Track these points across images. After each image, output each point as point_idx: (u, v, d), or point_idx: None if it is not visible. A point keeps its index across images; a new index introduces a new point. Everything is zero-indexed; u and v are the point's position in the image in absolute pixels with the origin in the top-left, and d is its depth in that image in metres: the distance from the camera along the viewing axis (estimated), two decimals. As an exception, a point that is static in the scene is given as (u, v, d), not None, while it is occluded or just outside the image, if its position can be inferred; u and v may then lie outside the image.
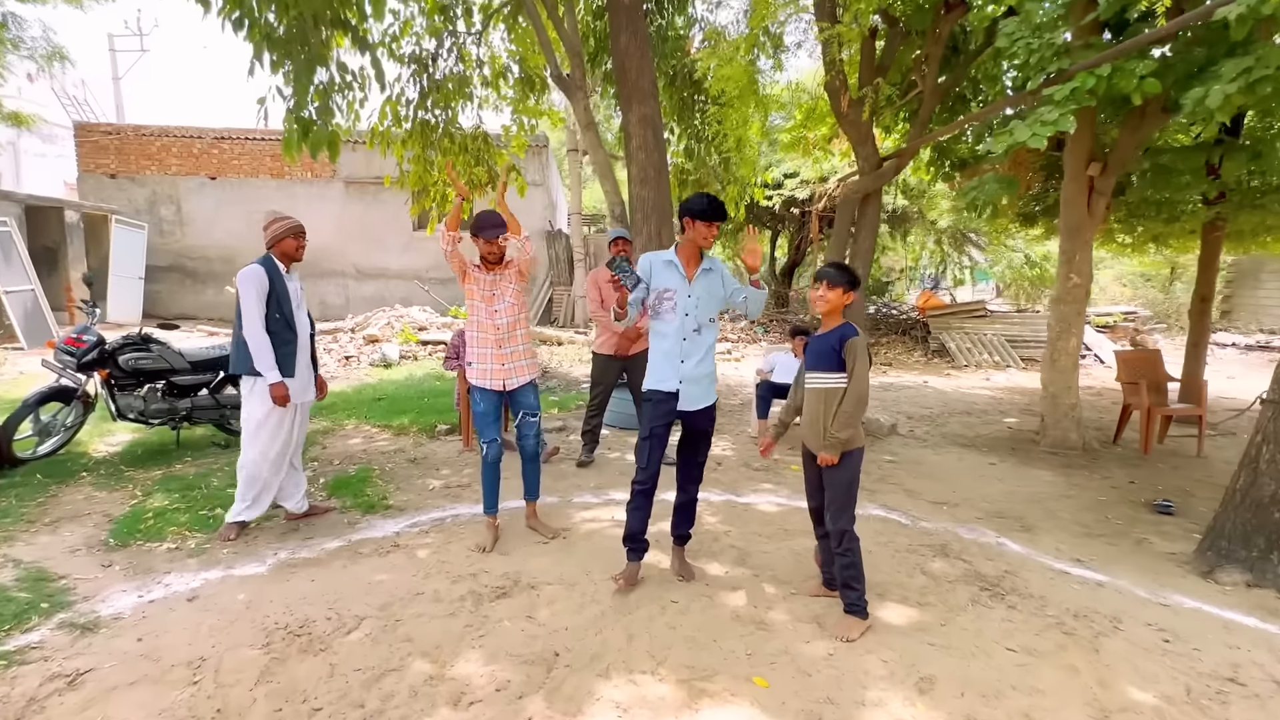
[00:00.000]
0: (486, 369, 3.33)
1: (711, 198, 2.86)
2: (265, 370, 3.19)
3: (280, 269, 3.33)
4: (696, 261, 2.89)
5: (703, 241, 2.86)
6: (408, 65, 7.04)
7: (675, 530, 3.11)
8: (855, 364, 2.52)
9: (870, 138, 5.98)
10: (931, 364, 11.33)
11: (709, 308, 2.94)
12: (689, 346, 2.88)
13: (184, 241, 15.29)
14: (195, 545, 3.19)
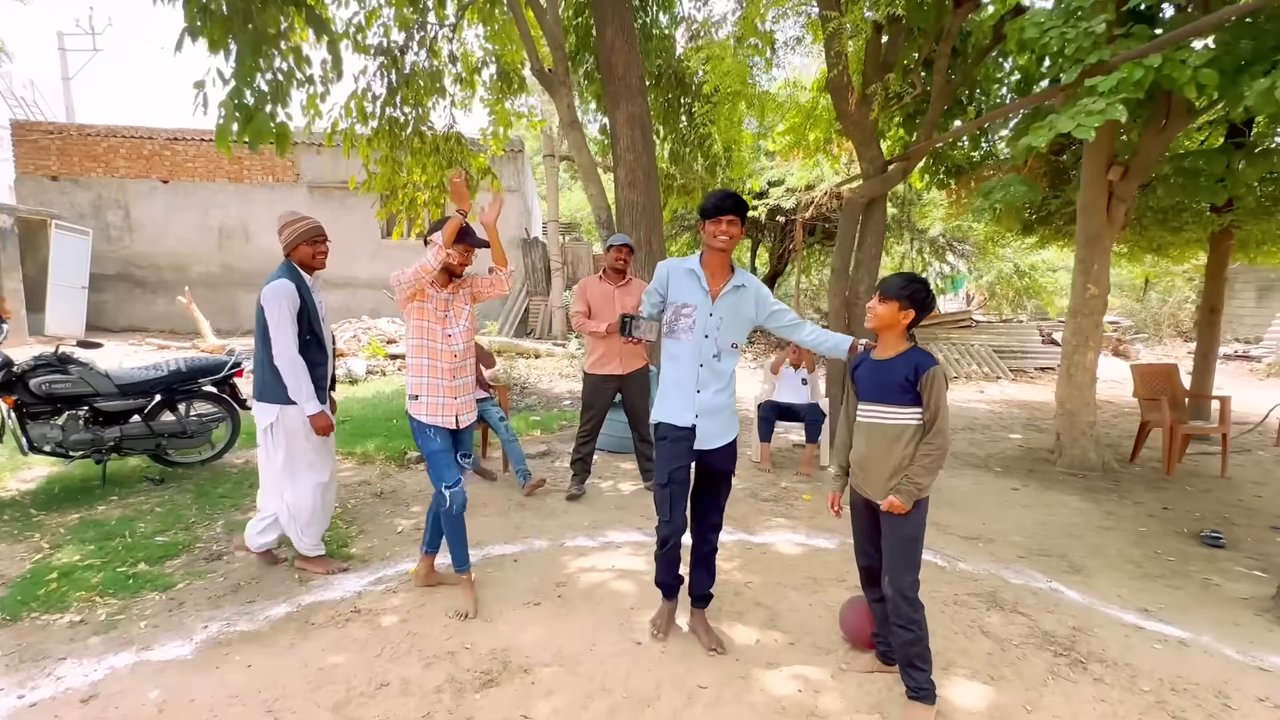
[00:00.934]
0: (438, 403, 2.76)
1: (725, 193, 2.41)
2: (304, 400, 2.84)
3: (305, 279, 2.95)
4: (724, 275, 2.46)
5: (713, 241, 2.40)
6: (374, 57, 6.48)
7: (694, 590, 2.64)
8: (936, 398, 2.09)
9: (875, 139, 5.61)
10: None
11: (733, 331, 2.50)
12: (706, 375, 2.48)
13: (133, 248, 14.36)
14: (106, 616, 2.58)
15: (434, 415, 2.75)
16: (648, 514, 3.99)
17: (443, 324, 2.76)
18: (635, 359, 4.29)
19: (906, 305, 2.14)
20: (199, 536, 3.44)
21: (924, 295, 2.16)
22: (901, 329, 2.17)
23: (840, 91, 5.43)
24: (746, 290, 2.50)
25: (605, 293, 4.23)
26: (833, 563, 3.34)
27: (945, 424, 2.10)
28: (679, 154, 8.23)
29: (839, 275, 5.64)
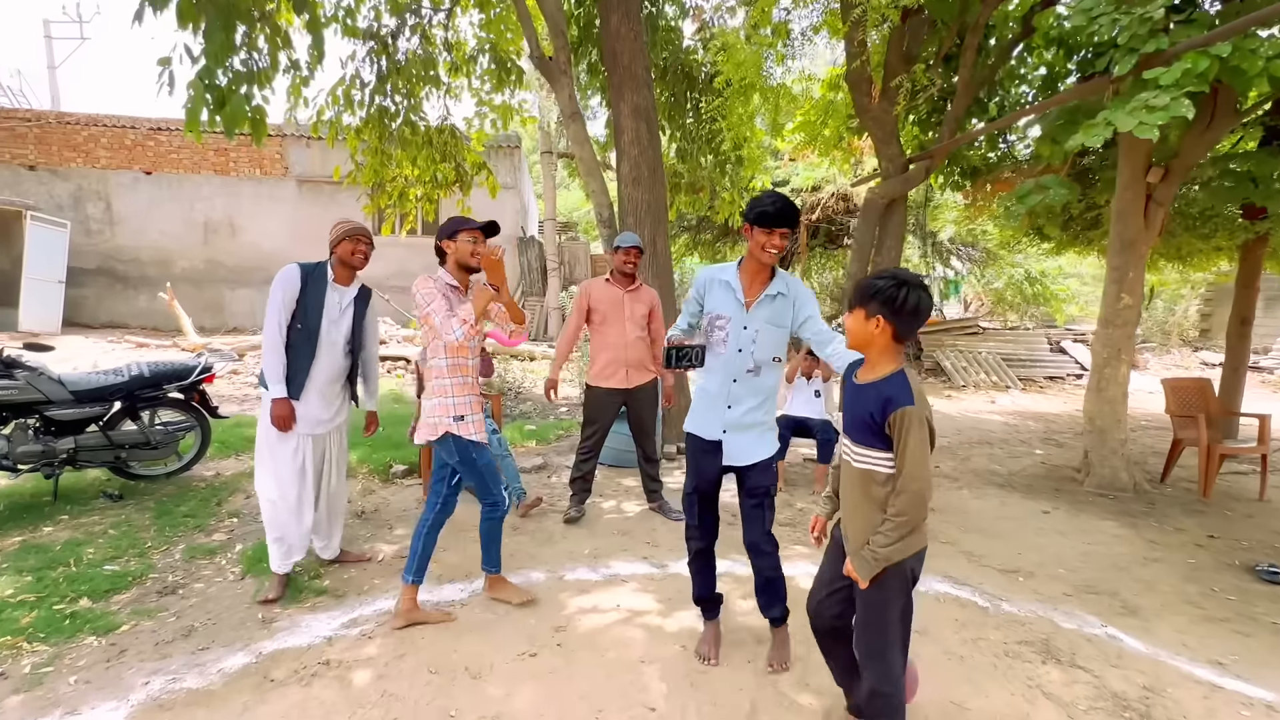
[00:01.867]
0: (481, 420, 2.72)
1: (778, 197, 2.18)
2: (270, 382, 2.81)
3: (328, 276, 2.93)
4: (761, 283, 2.28)
5: (760, 253, 2.21)
6: (364, 41, 6.10)
7: (765, 613, 2.49)
8: (906, 445, 1.61)
9: (896, 136, 5.31)
10: (926, 383, 10.80)
11: (771, 344, 2.30)
12: (739, 390, 2.32)
13: (114, 242, 13.86)
14: (31, 669, 2.21)
15: (480, 433, 2.68)
16: (654, 540, 3.65)
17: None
18: (643, 371, 3.95)
19: (875, 312, 1.68)
20: (153, 565, 3.07)
21: (894, 295, 1.65)
22: (884, 344, 1.70)
23: (860, 85, 5.12)
24: (785, 298, 2.30)
25: (614, 298, 3.88)
26: (863, 601, 3.00)
27: (918, 481, 1.61)
28: (686, 151, 7.89)
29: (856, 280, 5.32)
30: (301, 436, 2.90)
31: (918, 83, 4.75)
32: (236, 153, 13.69)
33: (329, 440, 3.04)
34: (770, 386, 2.34)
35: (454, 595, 2.90)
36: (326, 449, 3.04)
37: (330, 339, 2.90)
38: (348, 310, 2.98)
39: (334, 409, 3.01)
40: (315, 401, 2.91)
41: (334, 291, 2.93)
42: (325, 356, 2.90)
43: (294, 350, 2.84)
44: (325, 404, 2.95)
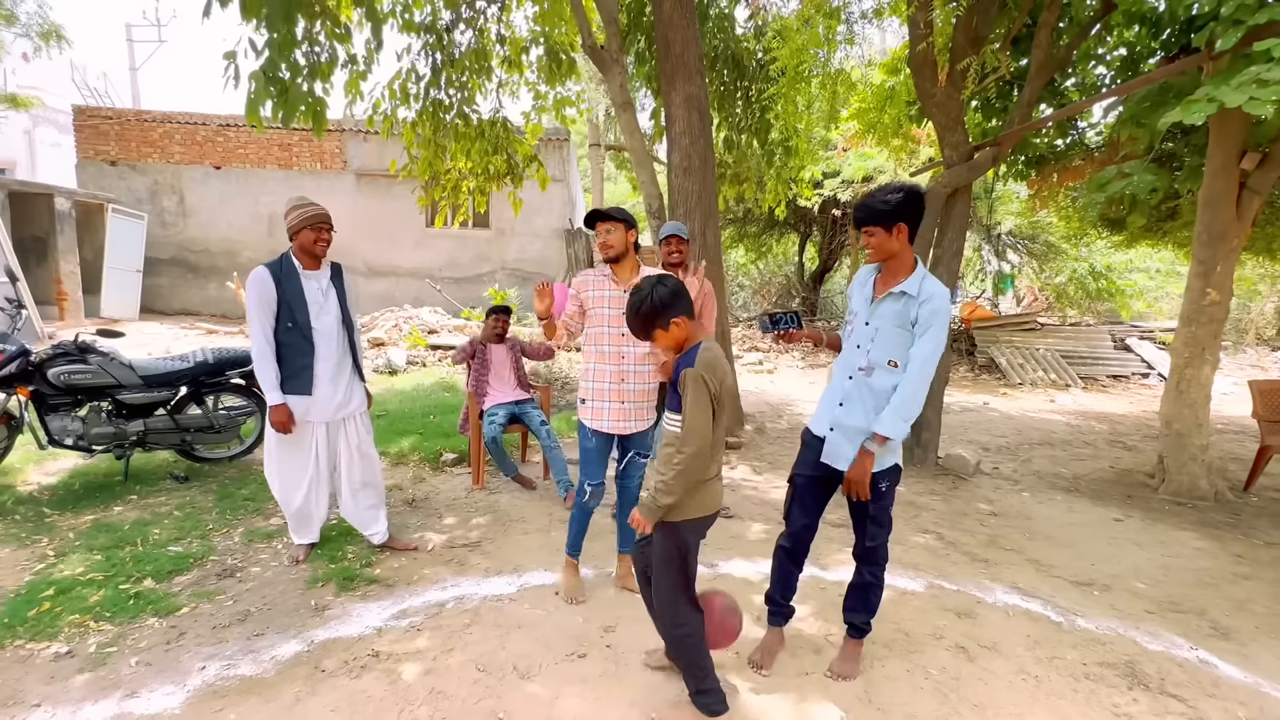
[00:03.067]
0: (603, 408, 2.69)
1: (881, 190, 2.13)
2: (265, 389, 2.84)
3: (296, 267, 2.90)
4: (892, 278, 2.17)
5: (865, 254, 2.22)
6: (420, 35, 6.15)
7: (846, 615, 2.43)
8: (686, 403, 1.85)
9: (961, 121, 5.02)
10: (981, 380, 10.32)
11: (891, 346, 2.15)
12: (852, 388, 2.23)
13: (186, 233, 14.54)
14: (96, 649, 2.29)
15: (597, 421, 2.69)
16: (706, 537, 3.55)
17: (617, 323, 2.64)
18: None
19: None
20: (214, 547, 3.16)
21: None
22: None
23: (924, 69, 4.85)
24: (912, 300, 2.11)
25: None
26: (924, 611, 2.85)
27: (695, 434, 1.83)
28: (733, 141, 7.72)
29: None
30: (315, 425, 2.97)
31: (987, 65, 4.47)
32: (299, 148, 14.16)
33: (345, 427, 3.06)
34: (886, 391, 2.14)
35: (502, 589, 2.88)
36: (344, 435, 3.06)
37: (324, 327, 2.93)
38: (330, 293, 2.98)
39: (345, 395, 3.03)
40: (325, 390, 2.95)
41: (309, 280, 2.91)
42: (324, 346, 2.92)
43: (292, 349, 2.86)
44: (335, 391, 2.99)
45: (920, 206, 2.11)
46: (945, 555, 3.49)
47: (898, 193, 2.08)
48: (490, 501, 4.00)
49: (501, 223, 13.56)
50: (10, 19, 12.65)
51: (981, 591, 3.08)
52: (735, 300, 17.04)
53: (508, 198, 6.90)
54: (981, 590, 3.09)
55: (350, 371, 3.08)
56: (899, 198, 2.07)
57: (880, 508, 2.25)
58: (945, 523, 3.97)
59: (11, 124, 21.61)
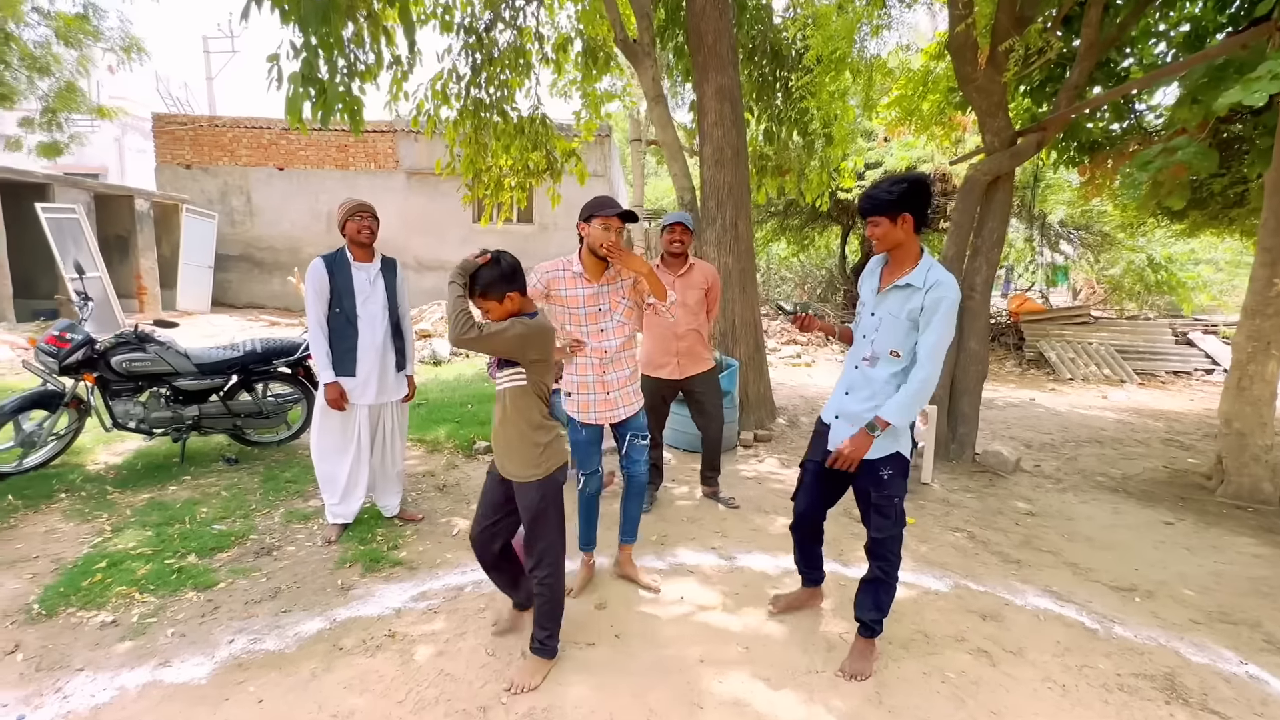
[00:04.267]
0: (589, 400, 2.70)
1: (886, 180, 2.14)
2: (319, 369, 3.11)
3: (348, 259, 3.16)
4: (898, 269, 2.17)
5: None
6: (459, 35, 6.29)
7: (856, 611, 2.38)
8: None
9: (1003, 106, 4.80)
10: (1029, 376, 9.86)
11: (893, 336, 2.16)
12: (856, 378, 2.28)
13: (253, 231, 15.32)
14: (138, 619, 2.46)
15: (585, 414, 2.71)
16: (724, 530, 3.55)
17: (593, 319, 2.63)
18: (697, 361, 3.79)
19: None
20: (255, 527, 3.34)
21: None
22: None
23: (963, 52, 4.66)
24: (915, 291, 2.11)
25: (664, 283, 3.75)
26: (948, 613, 2.76)
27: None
28: (773, 132, 7.59)
29: (951, 264, 4.90)
30: (357, 408, 3.18)
31: (1031, 45, 4.25)
32: (354, 149, 14.71)
33: (384, 411, 3.32)
34: (883, 380, 2.18)
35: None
36: (382, 419, 3.32)
37: (368, 314, 3.15)
38: (377, 283, 3.20)
39: (388, 382, 3.26)
40: (370, 376, 3.17)
41: (359, 270, 3.16)
42: (367, 333, 3.14)
43: (338, 334, 3.12)
44: (377, 377, 3.19)
45: (926, 196, 2.09)
46: (975, 555, 3.37)
47: (902, 183, 2.07)
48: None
49: (544, 218, 13.75)
50: (96, 34, 13.57)
51: (1011, 594, 2.96)
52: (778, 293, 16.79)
53: (546, 193, 7.01)
54: (1011, 592, 2.97)
55: (393, 360, 3.28)
56: (903, 187, 2.06)
57: (884, 497, 2.23)
58: (977, 521, 3.83)
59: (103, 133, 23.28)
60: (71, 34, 13.08)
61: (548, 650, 2.20)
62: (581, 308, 2.61)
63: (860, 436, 2.15)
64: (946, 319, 2.05)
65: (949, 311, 2.05)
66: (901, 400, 2.10)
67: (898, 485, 2.22)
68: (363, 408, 3.20)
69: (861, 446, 2.14)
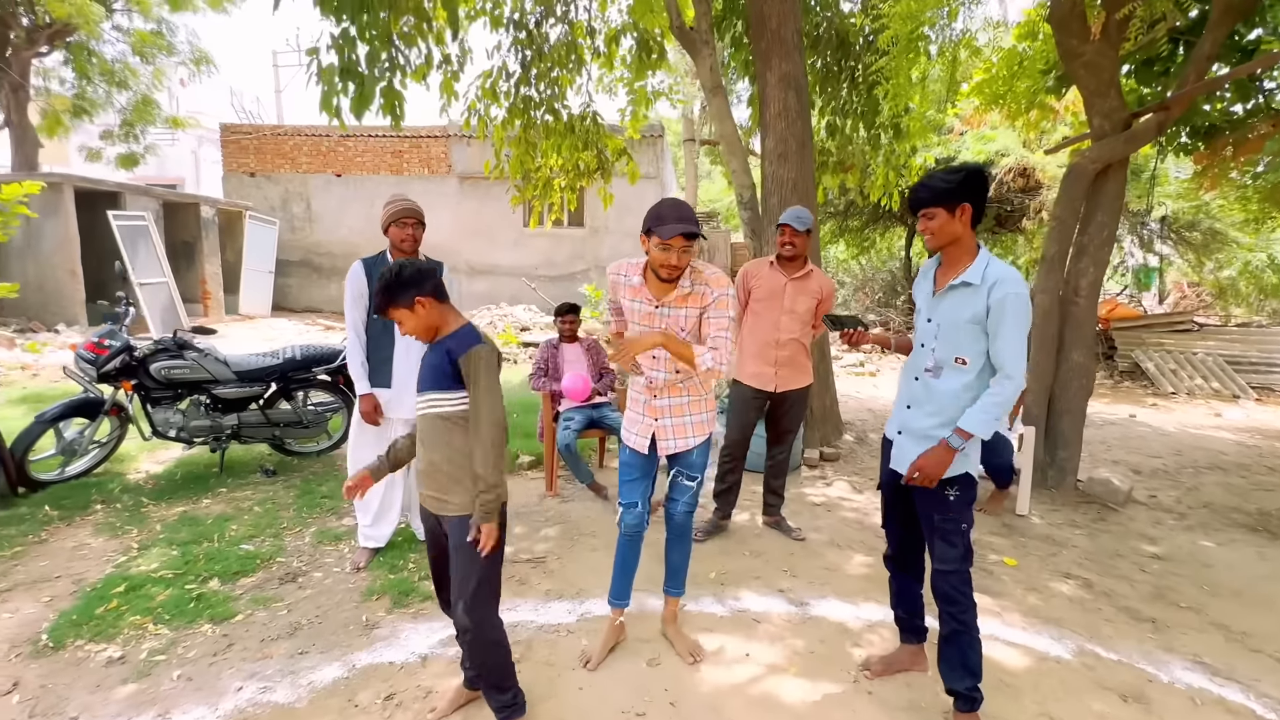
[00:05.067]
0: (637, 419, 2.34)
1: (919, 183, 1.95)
2: (355, 379, 2.94)
3: (389, 262, 2.78)
4: (953, 267, 1.97)
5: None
6: (508, 30, 6.07)
7: (945, 681, 2.05)
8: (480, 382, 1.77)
9: (1115, 84, 4.21)
10: (1123, 389, 8.96)
11: (956, 342, 1.95)
12: (918, 390, 2.06)
13: (312, 237, 15.67)
14: (147, 655, 2.24)
15: (627, 432, 2.36)
16: (791, 567, 3.12)
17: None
18: (797, 374, 3.38)
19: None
20: (283, 547, 3.12)
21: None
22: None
23: (1068, 23, 4.10)
24: (977, 289, 1.90)
25: (774, 285, 3.34)
26: (1075, 688, 2.27)
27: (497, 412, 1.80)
28: (836, 125, 7.09)
29: (1052, 265, 4.34)
30: (393, 422, 2.95)
31: (1156, 9, 3.67)
32: (409, 154, 14.88)
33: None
34: (952, 392, 1.96)
35: (560, 618, 2.61)
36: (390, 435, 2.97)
37: None
38: None
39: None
40: (402, 387, 2.91)
41: None
42: (404, 341, 2.93)
43: (375, 342, 2.94)
44: (412, 388, 2.83)
45: (985, 187, 1.95)
46: (1097, 610, 2.84)
47: (959, 171, 1.92)
48: (562, 511, 3.77)
49: (595, 221, 13.54)
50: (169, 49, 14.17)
51: (1153, 665, 2.44)
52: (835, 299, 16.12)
53: (598, 193, 6.74)
54: (1153, 664, 2.45)
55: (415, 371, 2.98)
56: (961, 175, 1.90)
57: (949, 520, 1.98)
58: (1094, 565, 3.28)
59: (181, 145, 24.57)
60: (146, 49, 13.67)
61: (517, 709, 1.91)
62: (635, 325, 2.24)
63: (940, 450, 1.92)
64: (1018, 317, 1.85)
65: (1019, 309, 1.85)
66: (985, 408, 1.89)
67: (965, 511, 2.00)
68: (398, 422, 2.96)
69: (942, 461, 1.92)
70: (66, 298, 10.16)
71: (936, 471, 1.92)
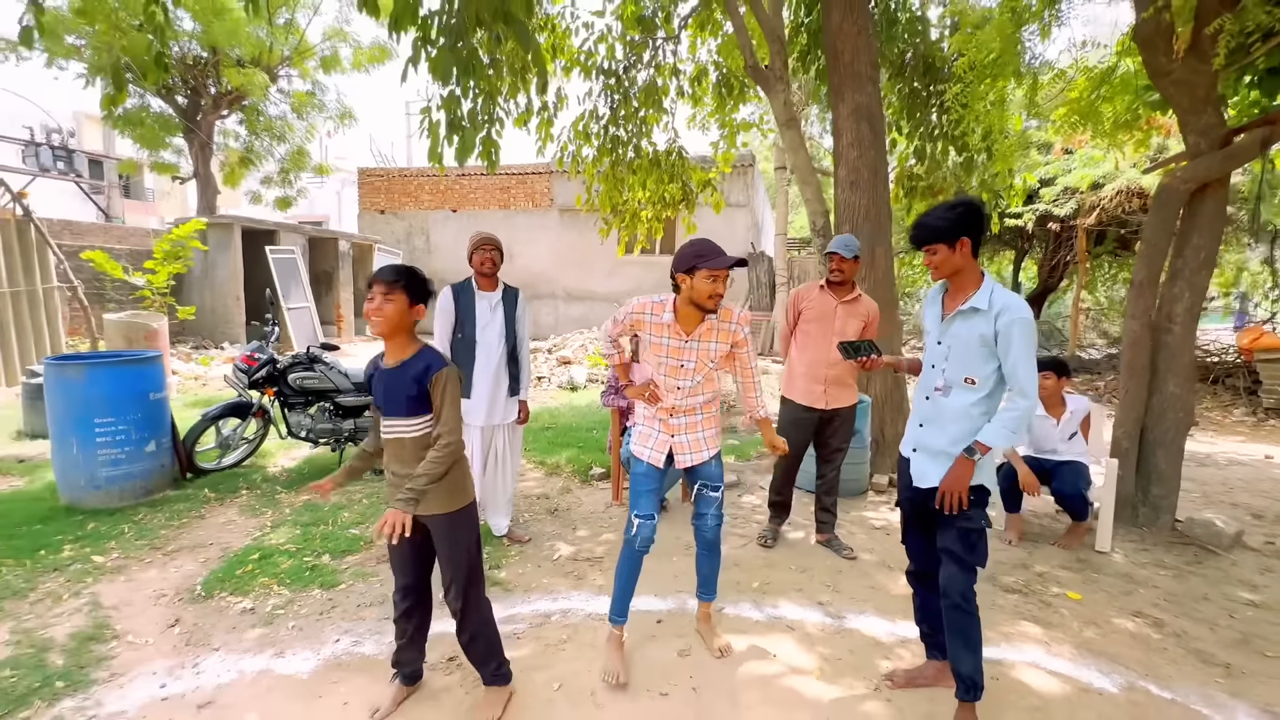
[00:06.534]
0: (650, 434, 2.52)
1: (918, 222, 2.13)
2: None
3: (473, 288, 3.38)
4: (960, 294, 2.12)
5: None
6: (597, 78, 6.63)
7: (953, 664, 2.17)
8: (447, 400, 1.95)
9: (1211, 101, 3.99)
10: (1266, 428, 7.93)
11: (965, 363, 2.10)
12: (929, 410, 2.21)
13: (430, 266, 17.18)
14: (271, 609, 2.75)
15: (640, 445, 2.52)
16: (836, 584, 3.21)
17: (674, 374, 2.39)
18: (845, 392, 3.53)
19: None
20: (383, 535, 3.62)
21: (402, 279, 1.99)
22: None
23: (1153, 41, 3.96)
24: (985, 314, 2.04)
25: (824, 308, 3.52)
26: (1110, 717, 2.23)
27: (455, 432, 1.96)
28: (924, 150, 7.02)
29: (1142, 290, 4.13)
30: (470, 428, 3.28)
31: (1249, 23, 3.50)
32: (515, 190, 16.08)
33: (496, 434, 3.42)
34: (960, 411, 2.11)
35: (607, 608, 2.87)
36: (495, 441, 3.44)
37: (485, 340, 3.33)
38: (497, 311, 3.37)
39: (500, 405, 3.40)
40: (482, 397, 3.32)
41: (482, 299, 3.36)
42: (483, 356, 3.31)
43: (459, 358, 3.29)
44: (491, 399, 3.34)
45: (980, 220, 2.06)
46: (1163, 650, 2.71)
47: (956, 207, 2.05)
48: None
49: (687, 249, 13.92)
50: (321, 107, 16.28)
51: (1211, 708, 2.33)
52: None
53: (682, 222, 7.10)
54: (1211, 706, 2.34)
55: (507, 384, 3.42)
56: (958, 212, 2.04)
57: (966, 518, 2.09)
58: (1172, 606, 3.10)
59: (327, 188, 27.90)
60: (302, 107, 15.80)
61: (504, 677, 2.17)
62: (665, 358, 2.39)
63: (959, 466, 2.06)
64: (1025, 340, 1.99)
65: (1025, 333, 1.99)
66: (1004, 423, 2.03)
67: (980, 514, 2.12)
68: (475, 428, 3.36)
69: (964, 476, 2.05)
70: (231, 320, 11.86)
71: (960, 486, 2.05)
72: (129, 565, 3.12)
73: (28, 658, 2.35)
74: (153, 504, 3.92)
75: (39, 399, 5.19)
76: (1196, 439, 7.18)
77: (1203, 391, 9.22)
